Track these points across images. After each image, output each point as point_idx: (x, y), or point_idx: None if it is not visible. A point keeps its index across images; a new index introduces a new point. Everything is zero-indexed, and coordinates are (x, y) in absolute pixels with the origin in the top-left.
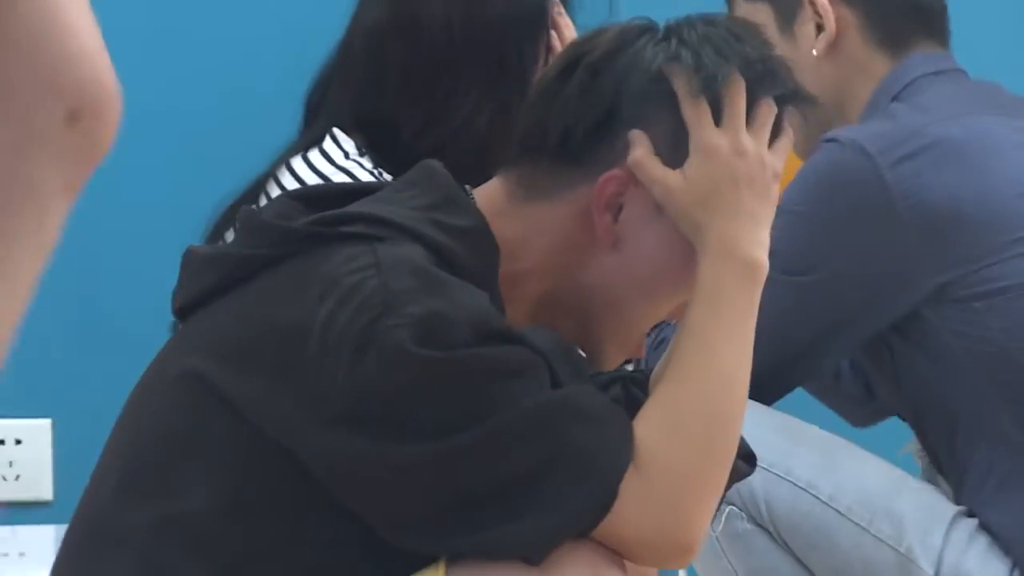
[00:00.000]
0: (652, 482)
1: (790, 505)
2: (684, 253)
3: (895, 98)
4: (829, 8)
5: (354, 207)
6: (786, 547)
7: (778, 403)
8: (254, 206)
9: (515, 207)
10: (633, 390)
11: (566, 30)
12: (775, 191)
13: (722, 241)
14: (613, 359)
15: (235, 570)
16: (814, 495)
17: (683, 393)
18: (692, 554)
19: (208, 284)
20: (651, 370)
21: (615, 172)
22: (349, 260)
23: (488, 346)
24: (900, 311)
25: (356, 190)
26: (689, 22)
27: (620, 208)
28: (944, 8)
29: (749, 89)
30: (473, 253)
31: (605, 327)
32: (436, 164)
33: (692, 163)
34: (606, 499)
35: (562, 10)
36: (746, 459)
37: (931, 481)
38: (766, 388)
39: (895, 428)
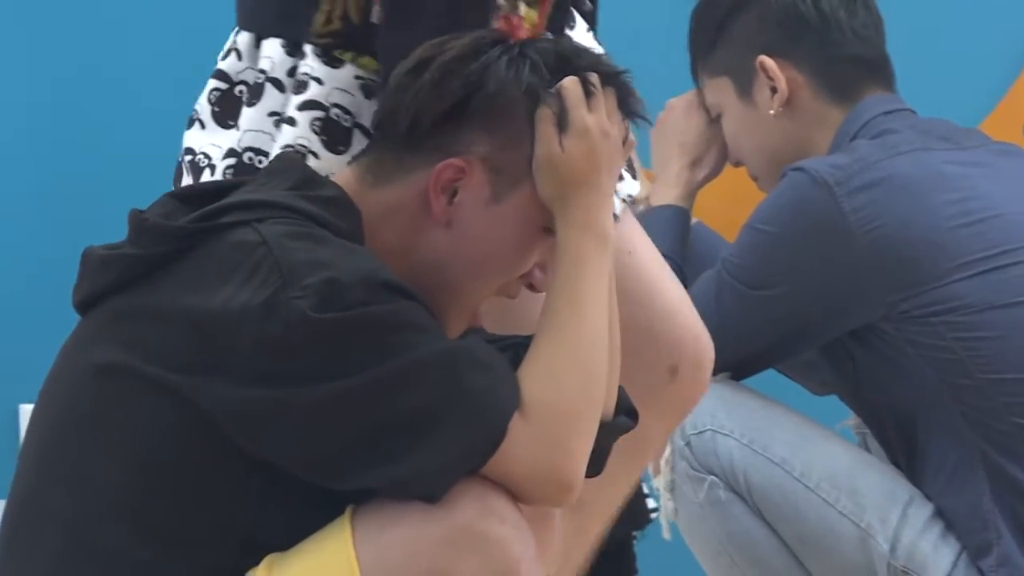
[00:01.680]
0: (536, 423)
1: (765, 478)
2: (510, 240)
3: (854, 137)
4: (778, 71)
5: (227, 200)
6: (760, 515)
7: (757, 380)
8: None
9: (364, 192)
10: (523, 354)
11: None
12: (619, 170)
13: (585, 215)
14: (453, 329)
15: (153, 531)
16: (787, 470)
17: (559, 345)
18: (573, 491)
19: (105, 283)
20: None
21: (454, 160)
22: (238, 245)
23: (383, 302)
24: (858, 322)
25: (226, 186)
26: (536, 40)
27: (455, 193)
28: (886, 56)
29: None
30: (340, 218)
31: (440, 301)
32: (293, 155)
33: (569, 140)
34: (496, 436)
35: None
36: (628, 414)
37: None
38: (737, 375)
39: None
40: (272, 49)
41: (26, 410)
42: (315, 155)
